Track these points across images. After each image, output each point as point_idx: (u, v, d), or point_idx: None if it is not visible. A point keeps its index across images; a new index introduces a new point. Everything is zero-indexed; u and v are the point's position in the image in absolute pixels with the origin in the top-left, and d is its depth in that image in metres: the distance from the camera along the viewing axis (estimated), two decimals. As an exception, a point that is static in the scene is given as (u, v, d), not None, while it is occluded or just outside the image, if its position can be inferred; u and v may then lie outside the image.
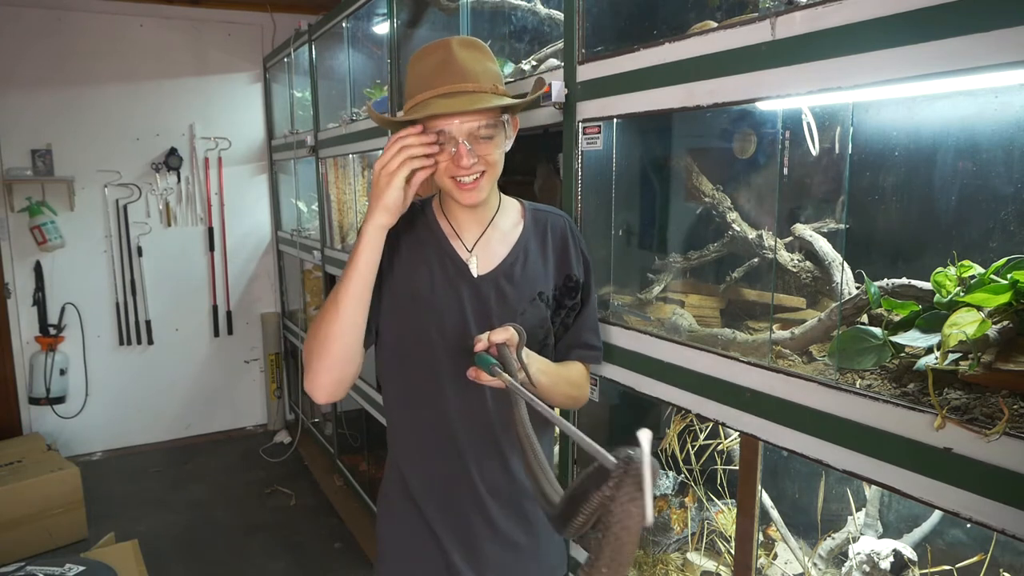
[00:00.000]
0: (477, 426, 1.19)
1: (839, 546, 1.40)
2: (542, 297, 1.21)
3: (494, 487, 1.21)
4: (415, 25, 2.62)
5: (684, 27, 1.35)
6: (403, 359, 1.22)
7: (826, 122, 1.24)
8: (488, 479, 1.20)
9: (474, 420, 1.18)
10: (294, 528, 3.31)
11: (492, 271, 1.19)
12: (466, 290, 1.17)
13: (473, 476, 1.19)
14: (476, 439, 1.19)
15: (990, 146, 1.17)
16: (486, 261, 1.20)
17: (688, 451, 1.59)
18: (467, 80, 1.07)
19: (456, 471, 1.20)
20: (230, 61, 4.26)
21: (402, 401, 1.25)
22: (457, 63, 1.08)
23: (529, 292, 1.20)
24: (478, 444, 1.19)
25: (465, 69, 1.08)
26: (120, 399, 4.16)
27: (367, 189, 3.08)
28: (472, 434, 1.19)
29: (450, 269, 1.19)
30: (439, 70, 1.09)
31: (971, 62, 0.82)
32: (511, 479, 1.22)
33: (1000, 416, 0.85)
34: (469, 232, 1.22)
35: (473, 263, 1.19)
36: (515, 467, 1.21)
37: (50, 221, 3.77)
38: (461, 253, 1.20)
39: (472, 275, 1.18)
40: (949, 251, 1.16)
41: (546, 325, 1.22)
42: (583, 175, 1.56)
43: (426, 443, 1.22)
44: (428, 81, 1.09)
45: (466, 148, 1.08)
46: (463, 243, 1.21)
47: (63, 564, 2.12)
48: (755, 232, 1.50)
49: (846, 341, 1.11)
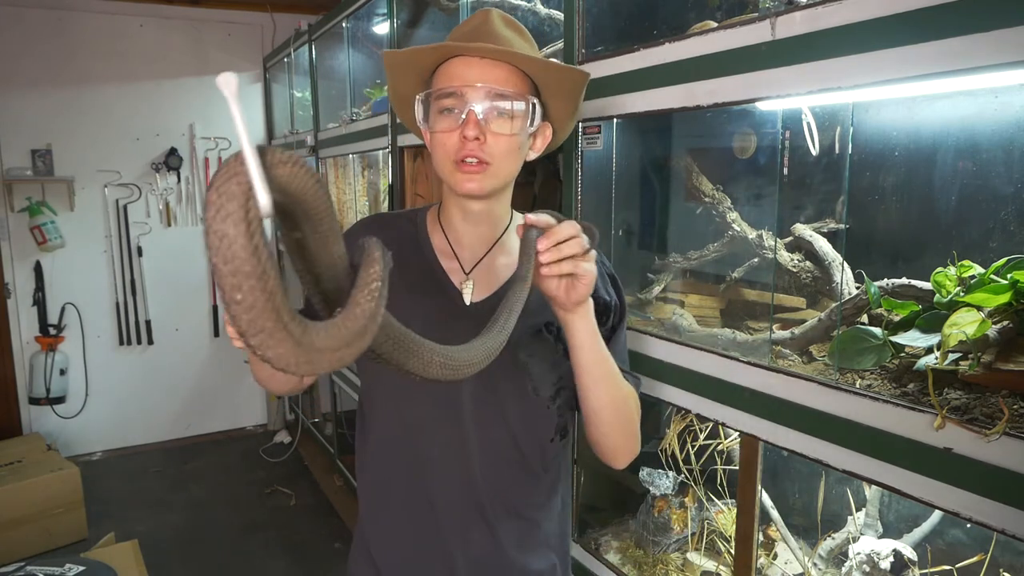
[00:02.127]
0: (459, 493, 0.97)
1: (839, 546, 1.40)
2: (550, 329, 0.97)
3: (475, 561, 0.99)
4: (415, 25, 2.62)
5: (684, 27, 1.35)
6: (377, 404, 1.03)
7: (826, 122, 1.24)
8: (472, 555, 0.99)
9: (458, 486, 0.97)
10: (294, 528, 3.31)
11: (489, 297, 0.98)
12: (455, 322, 0.96)
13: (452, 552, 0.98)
14: (458, 508, 0.98)
15: (990, 146, 1.17)
16: (484, 286, 0.99)
17: (688, 451, 1.59)
18: (500, 44, 0.92)
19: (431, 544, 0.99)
20: (230, 61, 4.26)
21: (375, 454, 1.04)
22: (493, 28, 0.94)
23: (534, 323, 0.96)
24: (460, 513, 0.98)
25: (500, 35, 0.93)
26: (120, 399, 4.16)
27: (367, 189, 3.08)
28: (452, 502, 0.97)
29: (438, 297, 0.99)
30: (470, 34, 0.94)
31: (971, 62, 0.82)
32: (500, 554, 1.00)
33: (1000, 416, 0.85)
34: (469, 251, 1.02)
35: (468, 289, 0.99)
36: (504, 540, 0.99)
37: (50, 221, 3.77)
38: (455, 276, 1.00)
39: (464, 303, 0.98)
40: (949, 251, 1.16)
41: (561, 366, 0.96)
42: (583, 175, 1.56)
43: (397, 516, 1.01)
44: (456, 40, 0.95)
45: (477, 115, 0.90)
46: (460, 263, 1.01)
47: (63, 564, 2.12)
48: (755, 232, 1.50)
49: (846, 341, 1.11)
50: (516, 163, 0.96)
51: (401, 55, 0.96)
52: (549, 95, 0.97)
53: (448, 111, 0.92)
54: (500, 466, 0.98)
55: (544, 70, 0.93)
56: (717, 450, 1.55)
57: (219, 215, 0.38)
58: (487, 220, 1.01)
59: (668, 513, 1.66)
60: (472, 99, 0.90)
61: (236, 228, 0.38)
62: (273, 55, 4.19)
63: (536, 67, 0.93)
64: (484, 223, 1.01)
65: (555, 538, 1.07)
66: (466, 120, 0.90)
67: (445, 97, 0.92)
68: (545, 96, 0.97)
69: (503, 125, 0.92)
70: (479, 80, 0.90)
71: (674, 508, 1.67)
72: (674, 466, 1.64)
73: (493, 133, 0.91)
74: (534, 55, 0.95)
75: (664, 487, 1.68)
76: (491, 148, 0.92)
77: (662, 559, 1.64)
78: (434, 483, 0.98)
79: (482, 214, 1.00)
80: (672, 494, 1.68)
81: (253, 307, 0.39)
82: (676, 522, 1.65)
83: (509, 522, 1.00)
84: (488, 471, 0.97)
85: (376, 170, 2.97)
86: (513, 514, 1.01)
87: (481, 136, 0.91)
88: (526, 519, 1.02)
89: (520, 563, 1.01)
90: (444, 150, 0.93)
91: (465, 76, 0.91)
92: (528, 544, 1.03)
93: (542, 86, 0.96)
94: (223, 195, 0.38)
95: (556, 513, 1.07)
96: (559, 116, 1.00)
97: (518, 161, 0.97)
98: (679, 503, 1.68)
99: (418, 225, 1.05)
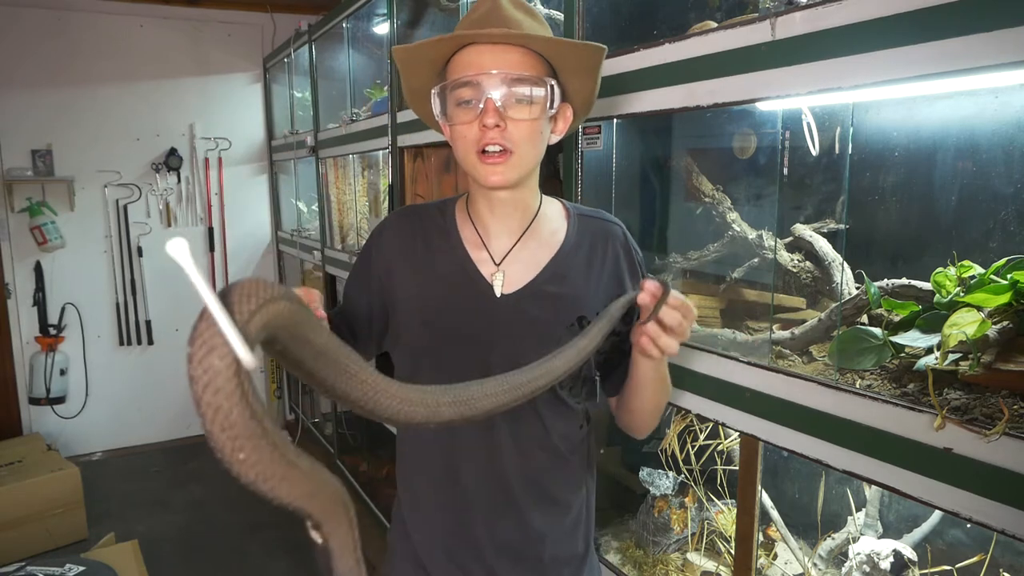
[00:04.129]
0: (491, 477, 0.99)
1: (839, 546, 1.40)
2: (583, 324, 0.96)
3: (506, 546, 1.01)
4: (415, 25, 2.62)
5: (684, 27, 1.35)
6: None
7: (826, 122, 1.24)
8: (500, 538, 1.01)
9: (488, 470, 0.99)
10: (294, 528, 3.30)
11: (521, 289, 0.97)
12: (485, 314, 0.96)
13: (480, 534, 1.00)
14: (487, 492, 0.99)
15: (990, 146, 1.17)
16: (516, 277, 0.98)
17: (688, 451, 1.59)
18: (511, 27, 0.89)
19: (462, 526, 1.01)
20: (230, 61, 4.26)
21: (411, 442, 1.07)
22: (503, 13, 0.91)
23: (567, 316, 0.96)
24: (490, 498, 0.99)
25: (511, 18, 0.90)
26: (120, 399, 4.16)
27: (367, 189, 3.08)
28: (483, 486, 0.99)
29: (467, 288, 0.98)
30: (480, 20, 0.91)
31: (971, 62, 0.82)
32: (527, 537, 1.01)
33: (1000, 416, 0.85)
34: (499, 240, 1.00)
35: (498, 280, 0.97)
36: (535, 522, 1.01)
37: (50, 221, 3.77)
38: (484, 267, 0.99)
39: (495, 295, 0.97)
40: (949, 251, 1.16)
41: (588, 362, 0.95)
42: (583, 175, 1.56)
43: (429, 494, 1.03)
44: (465, 27, 0.92)
45: (495, 103, 0.88)
46: (490, 254, 1.00)
47: (63, 564, 2.12)
48: (755, 232, 1.50)
49: (846, 341, 1.11)
50: (539, 148, 0.95)
51: (411, 49, 0.94)
52: (567, 75, 0.95)
53: (465, 102, 0.91)
54: (531, 453, 1.00)
55: (559, 49, 0.91)
56: (717, 450, 1.55)
57: (208, 390, 0.37)
58: (515, 209, 1.00)
59: (668, 513, 1.66)
60: (488, 87, 0.88)
61: (229, 400, 0.37)
62: (273, 55, 4.19)
63: (551, 47, 0.91)
64: (512, 213, 1.00)
65: (583, 523, 1.10)
66: (484, 108, 0.88)
67: (461, 87, 0.90)
68: (563, 76, 0.95)
69: (522, 111, 0.90)
70: (494, 67, 0.88)
71: (674, 508, 1.67)
72: (674, 466, 1.64)
73: (513, 119, 0.89)
74: (547, 35, 0.92)
75: (664, 487, 1.68)
76: (512, 135, 0.90)
77: (662, 559, 1.64)
78: (466, 471, 0.99)
79: (509, 204, 0.99)
80: (672, 494, 1.68)
81: (259, 462, 0.39)
82: (676, 522, 1.65)
83: (542, 506, 1.02)
84: (518, 459, 0.98)
85: (376, 170, 2.97)
86: (546, 499, 1.03)
87: (501, 123, 0.89)
88: (559, 503, 1.04)
89: (550, 548, 1.03)
90: (465, 142, 0.92)
91: (479, 64, 0.89)
92: (559, 529, 1.05)
93: (559, 67, 0.94)
94: (208, 371, 0.37)
95: (584, 496, 1.09)
96: (580, 95, 0.98)
97: (541, 146, 0.95)
98: (679, 503, 1.67)
99: (447, 217, 1.03)
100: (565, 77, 0.95)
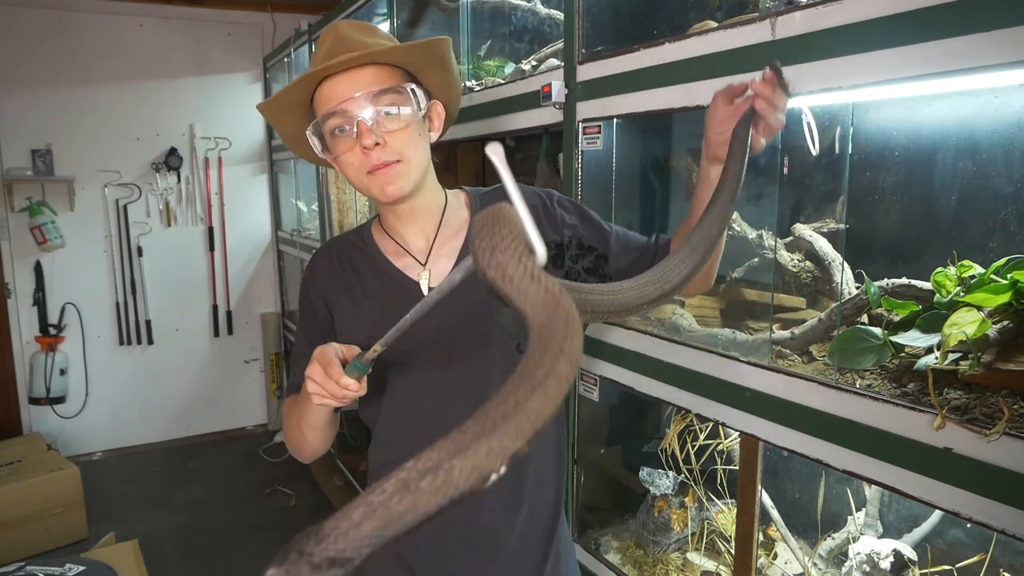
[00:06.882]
0: None
1: (839, 546, 1.40)
2: None
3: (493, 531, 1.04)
4: (415, 25, 2.62)
5: (684, 27, 1.35)
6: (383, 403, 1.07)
7: (826, 122, 1.24)
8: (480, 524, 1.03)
9: None
10: (294, 528, 3.28)
11: None
12: None
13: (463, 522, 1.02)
14: None
15: (990, 146, 1.17)
16: (441, 270, 1.03)
17: (688, 451, 1.59)
18: (357, 51, 0.94)
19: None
20: (230, 61, 4.26)
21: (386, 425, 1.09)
22: (347, 41, 0.96)
23: None
24: None
25: (355, 42, 0.95)
26: (120, 399, 4.16)
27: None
28: None
29: (397, 294, 1.02)
30: (328, 53, 0.95)
31: (971, 62, 0.82)
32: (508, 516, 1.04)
33: (1000, 416, 0.85)
34: (417, 243, 1.06)
35: (424, 278, 1.02)
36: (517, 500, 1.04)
37: (50, 221, 3.77)
38: (411, 271, 1.04)
39: (422, 292, 1.01)
40: (949, 251, 1.16)
41: None
42: (583, 175, 1.56)
43: None
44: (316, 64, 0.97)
45: (367, 123, 0.92)
46: (414, 257, 1.05)
47: (63, 564, 2.12)
48: (755, 232, 1.50)
49: (846, 341, 1.11)
50: (423, 150, 1.00)
51: (272, 103, 1.00)
52: (424, 74, 1.00)
53: (340, 130, 0.95)
54: None
55: (405, 53, 0.97)
56: (717, 450, 1.55)
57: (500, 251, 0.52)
58: (423, 212, 1.05)
59: (668, 513, 1.66)
60: (355, 110, 0.93)
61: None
62: (273, 55, 4.19)
63: (397, 55, 0.97)
64: (421, 216, 1.05)
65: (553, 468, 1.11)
66: (359, 132, 0.93)
67: (330, 118, 0.95)
68: (421, 77, 1.00)
69: (394, 121, 0.95)
70: (354, 90, 0.93)
71: (674, 508, 1.67)
72: (674, 466, 1.64)
73: (389, 131, 0.94)
74: (390, 45, 0.98)
75: (664, 487, 1.68)
76: (393, 146, 0.94)
77: (662, 559, 1.64)
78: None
79: (415, 210, 1.04)
80: (672, 494, 1.68)
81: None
82: (676, 522, 1.65)
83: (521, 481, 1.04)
84: None
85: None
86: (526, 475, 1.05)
87: (380, 140, 0.93)
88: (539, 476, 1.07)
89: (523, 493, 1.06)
90: (353, 168, 0.97)
91: (340, 92, 0.93)
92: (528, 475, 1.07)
93: (413, 69, 0.99)
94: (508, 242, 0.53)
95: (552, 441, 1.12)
96: (440, 87, 1.03)
97: (424, 148, 1.00)
98: (679, 503, 1.67)
99: (366, 239, 1.09)
100: (423, 77, 1.00)
